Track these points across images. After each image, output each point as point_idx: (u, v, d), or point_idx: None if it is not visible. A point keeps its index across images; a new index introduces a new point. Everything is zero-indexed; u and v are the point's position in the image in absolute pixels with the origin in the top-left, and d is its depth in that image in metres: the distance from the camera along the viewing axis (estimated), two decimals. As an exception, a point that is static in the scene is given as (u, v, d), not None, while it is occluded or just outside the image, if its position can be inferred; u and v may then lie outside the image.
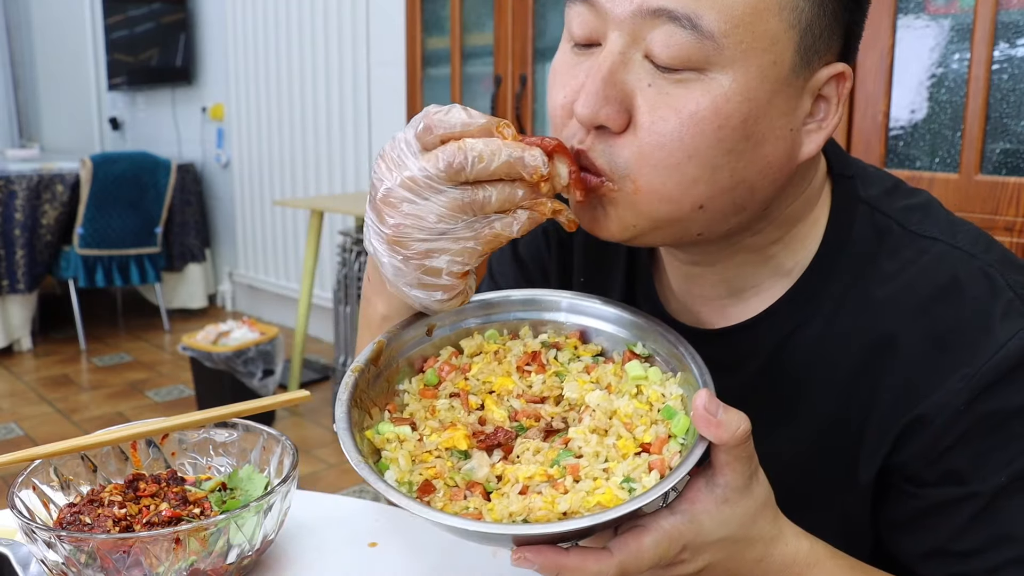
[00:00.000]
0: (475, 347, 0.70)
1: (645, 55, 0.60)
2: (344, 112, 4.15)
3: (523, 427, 0.62)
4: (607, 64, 0.60)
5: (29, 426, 3.48)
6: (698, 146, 0.59)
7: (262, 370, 3.40)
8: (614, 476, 0.57)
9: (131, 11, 5.52)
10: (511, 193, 0.61)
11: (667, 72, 0.59)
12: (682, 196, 0.61)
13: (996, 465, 0.63)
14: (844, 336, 0.68)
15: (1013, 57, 1.61)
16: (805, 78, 0.62)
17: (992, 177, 1.64)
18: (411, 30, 2.98)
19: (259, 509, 0.74)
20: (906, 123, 1.77)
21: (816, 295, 0.70)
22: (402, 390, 0.68)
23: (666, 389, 0.63)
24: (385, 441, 0.62)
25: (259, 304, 5.15)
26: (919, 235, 0.68)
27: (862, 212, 0.71)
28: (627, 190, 0.62)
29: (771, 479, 0.68)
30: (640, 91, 0.60)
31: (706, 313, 0.76)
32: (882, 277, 0.68)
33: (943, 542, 0.65)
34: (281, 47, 4.50)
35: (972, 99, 1.64)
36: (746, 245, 0.71)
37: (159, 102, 5.76)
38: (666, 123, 0.59)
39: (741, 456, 0.56)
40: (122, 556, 0.69)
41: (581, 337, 0.71)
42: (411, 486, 0.59)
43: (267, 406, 0.83)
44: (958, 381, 0.63)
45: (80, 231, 4.47)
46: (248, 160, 4.94)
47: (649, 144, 0.60)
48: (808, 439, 0.70)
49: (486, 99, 2.75)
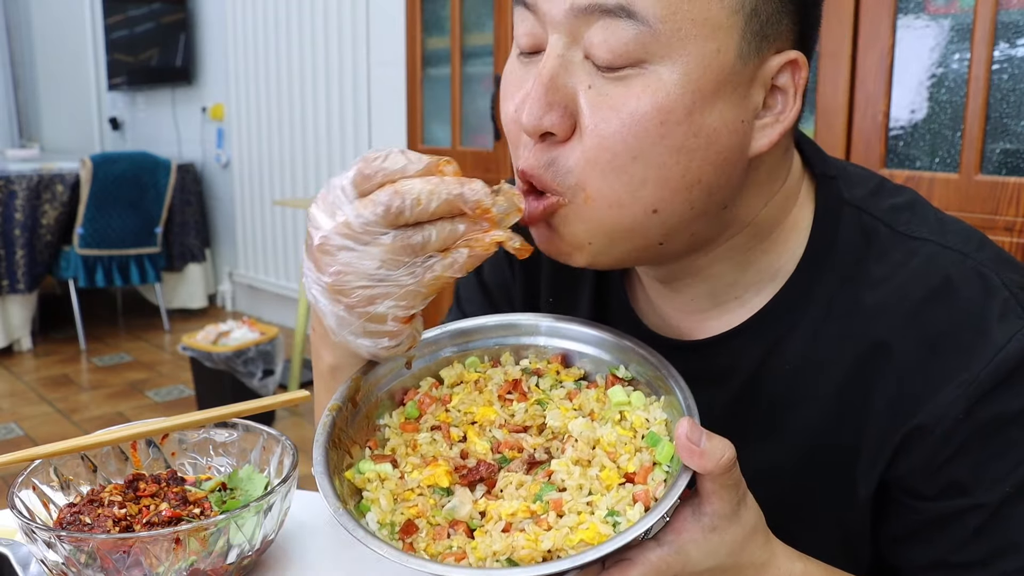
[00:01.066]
0: (455, 377, 0.69)
1: (585, 56, 0.58)
2: (344, 112, 4.15)
3: (506, 459, 0.61)
4: (547, 69, 0.59)
5: (29, 426, 3.48)
6: (642, 145, 0.57)
7: (262, 370, 3.40)
8: (598, 510, 0.56)
9: (131, 11, 5.52)
10: (451, 231, 0.59)
11: (607, 71, 0.57)
12: (632, 200, 0.59)
13: (998, 475, 0.61)
14: (833, 344, 0.66)
15: (1013, 57, 1.61)
16: (755, 67, 0.59)
17: (992, 177, 1.64)
18: (411, 30, 2.98)
19: (259, 509, 0.74)
20: (906, 123, 1.77)
21: (802, 301, 0.68)
22: (383, 424, 0.67)
23: (650, 414, 0.62)
24: (366, 481, 0.61)
25: (259, 304, 5.15)
26: (908, 236, 0.66)
27: (847, 214, 0.68)
28: (578, 201, 0.60)
29: (765, 494, 0.65)
30: (581, 93, 0.58)
31: (687, 325, 0.73)
32: (871, 282, 0.65)
33: (945, 555, 0.63)
34: (281, 47, 4.50)
35: (972, 99, 1.64)
36: (721, 254, 0.68)
37: (159, 102, 5.76)
38: (608, 124, 0.57)
39: (727, 484, 0.54)
40: (122, 556, 0.69)
41: (563, 361, 0.69)
42: (393, 527, 0.58)
43: (267, 406, 0.83)
44: (955, 388, 0.60)
45: (80, 231, 4.47)
46: (248, 160, 4.94)
47: (593, 148, 0.58)
48: (801, 452, 0.68)
49: (486, 99, 2.75)
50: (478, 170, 2.81)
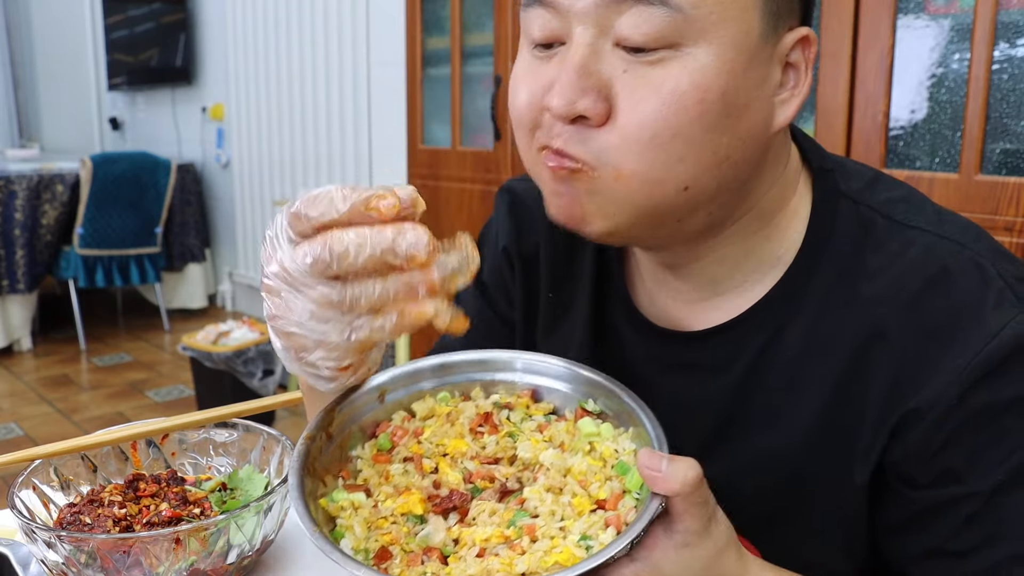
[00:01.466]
0: (427, 410, 0.69)
1: (615, 43, 0.59)
2: (344, 112, 4.15)
3: (478, 489, 0.62)
4: (578, 56, 0.59)
5: (29, 426, 3.48)
6: (681, 123, 0.58)
7: (262, 370, 3.40)
8: (571, 534, 0.56)
9: (131, 11, 5.52)
10: (382, 292, 0.56)
11: (641, 54, 0.58)
12: (666, 177, 0.60)
13: (991, 463, 0.61)
14: (832, 333, 0.67)
15: (1013, 57, 1.61)
16: (773, 45, 0.61)
17: (992, 177, 1.64)
18: (411, 30, 2.98)
19: (259, 509, 0.74)
20: (906, 123, 1.77)
21: (800, 292, 0.69)
22: (355, 456, 0.67)
23: (619, 444, 0.63)
24: (339, 509, 0.61)
25: (259, 304, 5.14)
26: (905, 225, 0.67)
27: (844, 206, 0.69)
28: (608, 177, 0.61)
29: (766, 481, 0.67)
30: (616, 78, 0.59)
31: (687, 315, 0.74)
32: (869, 272, 0.66)
33: (939, 543, 0.64)
34: (281, 47, 4.50)
35: (972, 99, 1.64)
36: (726, 238, 0.69)
37: (159, 102, 5.76)
38: (648, 103, 0.58)
39: (697, 502, 0.55)
40: (122, 556, 0.69)
41: (533, 396, 0.70)
42: (367, 553, 0.58)
43: (267, 406, 0.83)
44: (949, 374, 0.61)
45: (80, 231, 4.47)
46: (248, 160, 4.94)
47: (633, 127, 0.59)
48: (801, 439, 0.68)
49: (486, 99, 2.75)
50: (478, 170, 2.82)
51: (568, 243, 0.81)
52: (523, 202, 0.86)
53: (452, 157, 2.91)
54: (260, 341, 3.41)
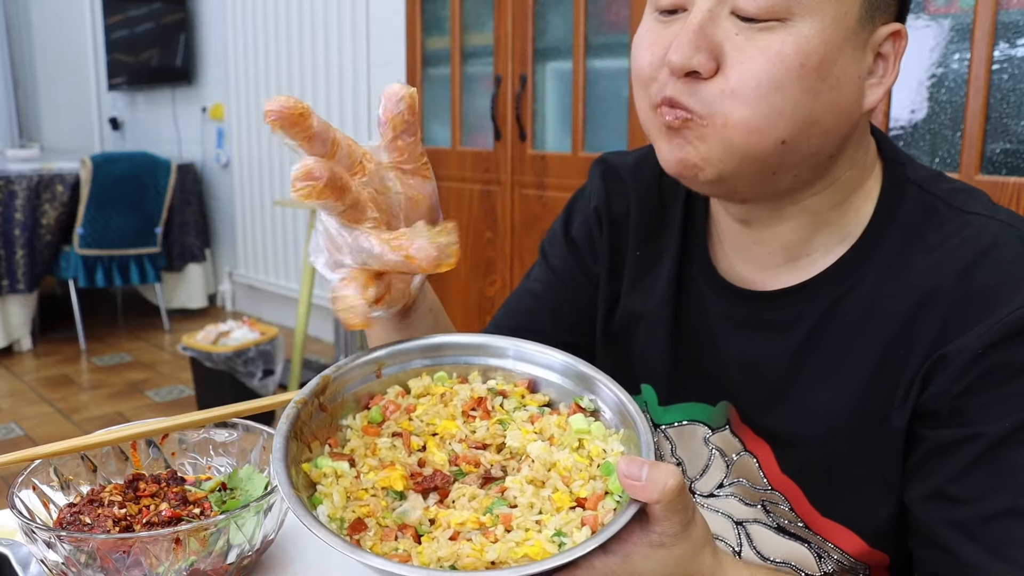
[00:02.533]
0: (423, 388, 0.69)
1: (731, 11, 0.67)
2: (344, 112, 4.15)
3: (462, 472, 0.62)
4: (697, 19, 0.67)
5: (29, 426, 3.48)
6: (782, 80, 0.65)
7: (262, 370, 3.40)
8: (546, 528, 0.57)
9: (131, 11, 5.52)
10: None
11: (752, 23, 0.66)
12: (768, 127, 0.67)
13: (1002, 413, 0.66)
14: (892, 297, 0.73)
15: (1013, 57, 1.61)
16: (869, 32, 0.69)
17: (992, 177, 1.64)
18: (411, 30, 2.98)
19: (259, 509, 0.74)
20: (906, 123, 1.77)
21: (866, 262, 0.75)
22: (345, 425, 0.67)
23: (608, 445, 0.63)
24: (322, 475, 0.62)
25: (259, 304, 5.15)
26: (963, 211, 0.73)
27: (911, 192, 0.76)
28: (717, 124, 0.67)
29: (820, 432, 0.75)
30: (728, 40, 0.67)
31: (760, 278, 0.81)
32: (927, 246, 0.73)
33: (942, 484, 0.68)
34: (281, 47, 4.50)
35: (972, 99, 1.64)
36: (807, 206, 0.75)
37: (159, 102, 5.76)
38: (754, 61, 0.66)
39: (676, 508, 0.56)
40: (122, 556, 0.69)
41: (530, 387, 0.71)
42: (343, 522, 0.59)
43: (267, 406, 0.83)
44: (981, 328, 0.67)
45: (80, 231, 4.47)
46: (248, 160, 4.94)
47: (739, 79, 0.66)
48: (856, 393, 0.73)
49: (486, 99, 2.75)
50: (478, 170, 2.82)
51: (658, 208, 0.90)
52: (615, 171, 0.95)
53: (452, 157, 2.91)
54: (260, 341, 3.41)
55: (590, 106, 2.54)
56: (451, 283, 2.95)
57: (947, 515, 0.67)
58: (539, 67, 2.61)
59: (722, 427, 0.84)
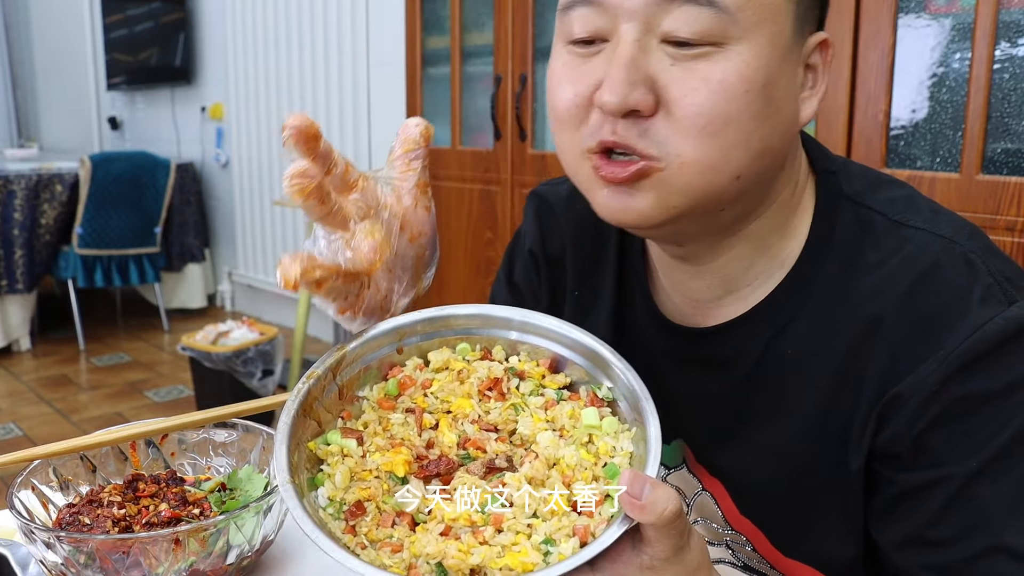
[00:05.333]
0: (442, 362, 0.69)
1: (661, 39, 0.62)
2: (344, 112, 4.14)
3: (470, 456, 0.62)
4: (627, 52, 0.62)
5: (28, 426, 3.47)
6: (731, 112, 0.62)
7: (261, 370, 3.40)
8: (536, 534, 0.56)
9: (130, 10, 5.51)
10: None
11: (687, 48, 0.62)
12: (725, 165, 0.63)
13: (968, 450, 0.63)
14: (834, 326, 0.69)
15: (1014, 56, 1.61)
16: (800, 46, 0.66)
17: (993, 177, 1.64)
18: (411, 30, 2.97)
19: (259, 510, 0.74)
20: (907, 123, 1.76)
21: (804, 290, 0.71)
22: (362, 397, 0.67)
23: (618, 443, 0.62)
24: (328, 453, 0.62)
25: (259, 304, 5.14)
26: (902, 224, 0.70)
27: (845, 208, 0.72)
28: (673, 166, 0.63)
29: (769, 475, 0.70)
30: (664, 71, 0.62)
31: (699, 313, 0.77)
32: (867, 267, 0.69)
33: (919, 529, 0.65)
34: (281, 47, 4.49)
35: (973, 99, 1.64)
36: (745, 236, 0.72)
37: (158, 102, 5.75)
38: (698, 93, 0.61)
39: (670, 533, 0.55)
40: (121, 557, 0.69)
41: (552, 366, 0.69)
42: (342, 504, 0.59)
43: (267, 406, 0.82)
44: (933, 362, 0.63)
45: (79, 231, 4.47)
46: (247, 160, 4.93)
47: (687, 116, 0.62)
48: (803, 432, 0.70)
49: (486, 99, 2.75)
50: (478, 170, 2.81)
51: (593, 244, 0.86)
52: (550, 206, 0.91)
53: (452, 157, 2.90)
54: (259, 341, 3.41)
55: (590, 106, 2.53)
56: (451, 283, 2.95)
57: (927, 560, 0.65)
58: (539, 67, 2.61)
59: (679, 466, 0.81)
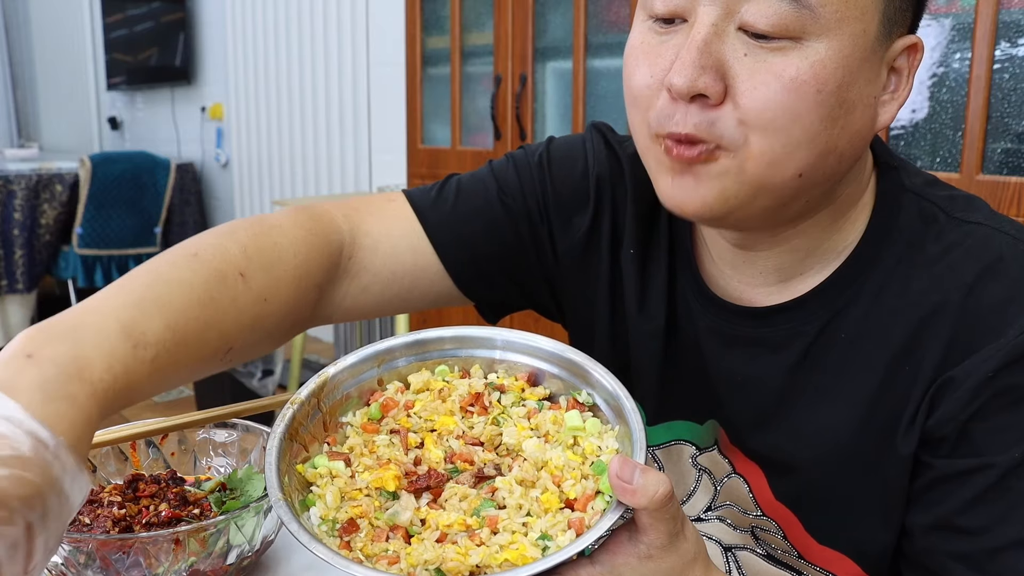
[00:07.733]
0: (422, 384, 0.69)
1: (739, 27, 0.61)
2: (344, 112, 4.14)
3: (457, 469, 0.62)
4: (701, 35, 0.61)
5: (28, 426, 3.46)
6: (799, 110, 0.60)
7: (262, 370, 3.40)
8: (532, 531, 0.57)
9: (130, 10, 5.51)
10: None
11: (763, 40, 0.60)
12: (788, 161, 0.62)
13: (1010, 441, 0.63)
14: (892, 313, 0.69)
15: (1014, 56, 1.61)
16: (885, 48, 0.64)
17: (993, 177, 1.64)
18: (411, 30, 2.97)
19: (259, 510, 0.74)
20: (907, 122, 1.76)
21: (862, 276, 0.71)
22: (345, 423, 0.68)
23: (603, 442, 0.63)
24: (317, 475, 0.62)
25: (258, 304, 5.13)
26: (964, 220, 0.69)
27: (908, 199, 0.72)
28: (739, 156, 0.63)
29: (817, 455, 0.71)
30: (736, 60, 0.61)
31: (750, 295, 0.77)
32: (928, 259, 0.69)
33: (950, 515, 0.65)
34: (281, 47, 4.49)
35: (973, 98, 1.64)
36: (804, 229, 0.71)
37: (158, 102, 5.75)
38: (767, 88, 0.60)
39: (664, 518, 0.55)
40: (121, 557, 0.69)
41: (531, 380, 0.70)
42: (335, 523, 0.59)
43: (267, 406, 0.83)
44: (989, 350, 0.63)
45: (79, 231, 4.47)
46: (247, 160, 4.93)
47: (753, 109, 0.61)
48: (857, 415, 0.70)
49: (486, 98, 2.75)
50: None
51: (651, 210, 0.83)
52: (615, 152, 0.86)
53: (452, 157, 2.90)
54: (259, 341, 3.41)
55: (590, 106, 2.53)
56: (451, 283, 2.95)
57: (953, 547, 0.65)
58: (539, 67, 2.61)
59: (710, 447, 0.81)
